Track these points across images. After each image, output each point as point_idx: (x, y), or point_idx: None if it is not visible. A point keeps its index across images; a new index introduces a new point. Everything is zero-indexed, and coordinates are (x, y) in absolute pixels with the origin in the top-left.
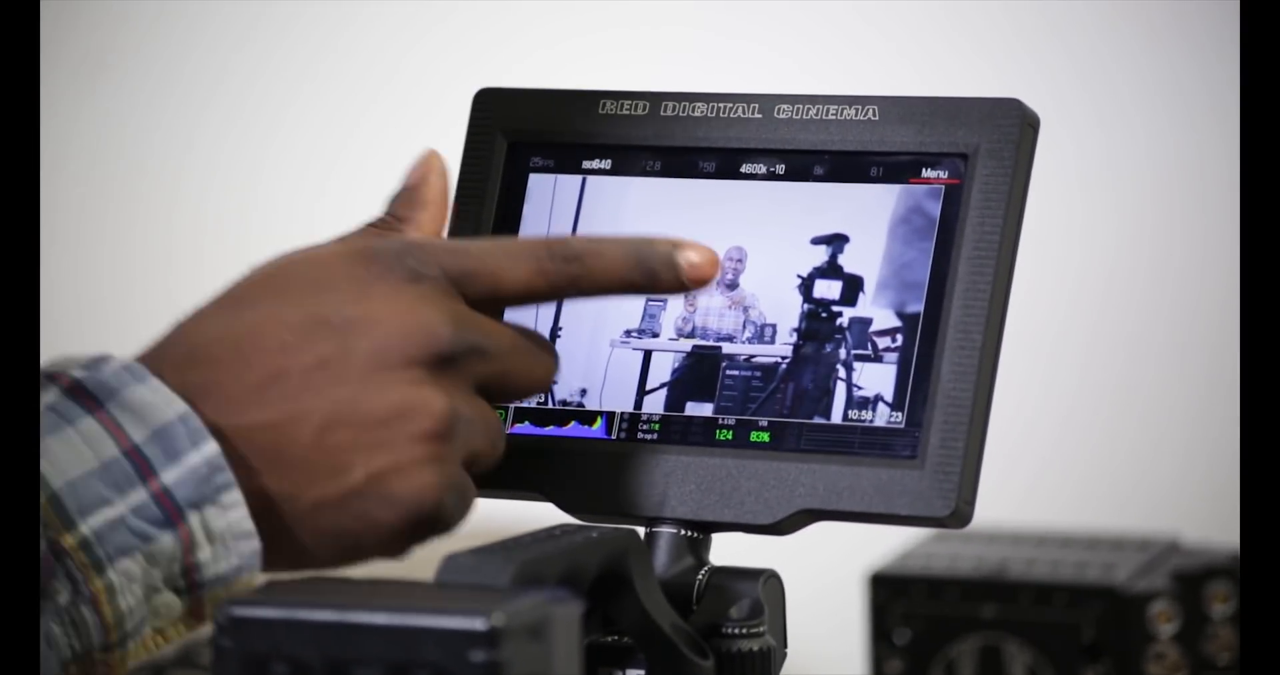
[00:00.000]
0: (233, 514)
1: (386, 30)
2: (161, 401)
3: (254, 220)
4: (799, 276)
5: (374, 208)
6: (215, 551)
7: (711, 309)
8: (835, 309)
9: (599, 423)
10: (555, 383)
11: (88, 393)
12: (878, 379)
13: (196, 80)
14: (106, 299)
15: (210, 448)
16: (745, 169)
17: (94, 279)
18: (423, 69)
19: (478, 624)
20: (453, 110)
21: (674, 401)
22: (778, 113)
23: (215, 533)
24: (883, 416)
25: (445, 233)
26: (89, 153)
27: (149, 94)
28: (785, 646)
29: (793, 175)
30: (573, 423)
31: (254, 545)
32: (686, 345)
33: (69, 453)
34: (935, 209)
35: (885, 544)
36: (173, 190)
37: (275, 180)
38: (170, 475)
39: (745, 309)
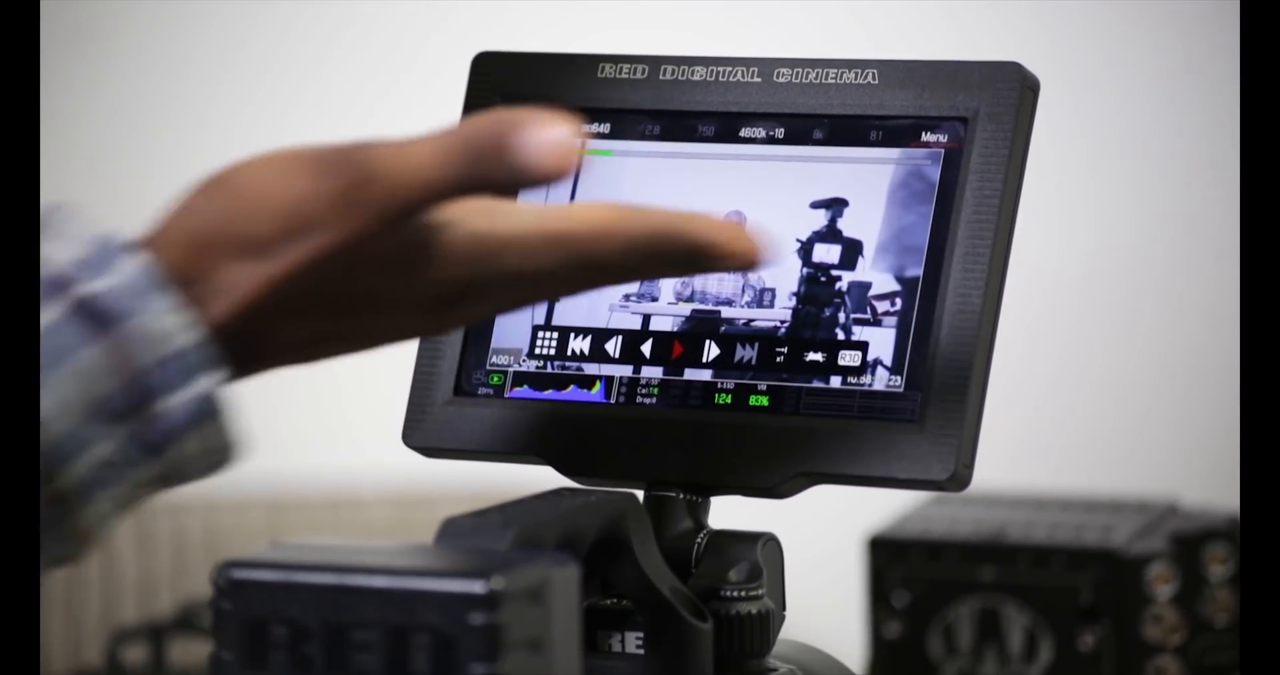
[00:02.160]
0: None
1: None
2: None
3: None
4: (798, 241)
5: None
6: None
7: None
8: (834, 273)
9: (598, 387)
10: None
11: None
12: (877, 343)
13: (203, 70)
14: None
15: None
16: (744, 133)
17: None
18: (423, 33)
19: (477, 587)
20: (452, 74)
21: (673, 365)
22: (777, 76)
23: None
24: (882, 380)
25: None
26: (89, 153)
27: (148, 58)
28: (784, 609)
29: (792, 139)
30: (571, 387)
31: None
32: (685, 309)
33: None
34: (934, 173)
35: (884, 507)
36: (178, 156)
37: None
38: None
39: (744, 273)
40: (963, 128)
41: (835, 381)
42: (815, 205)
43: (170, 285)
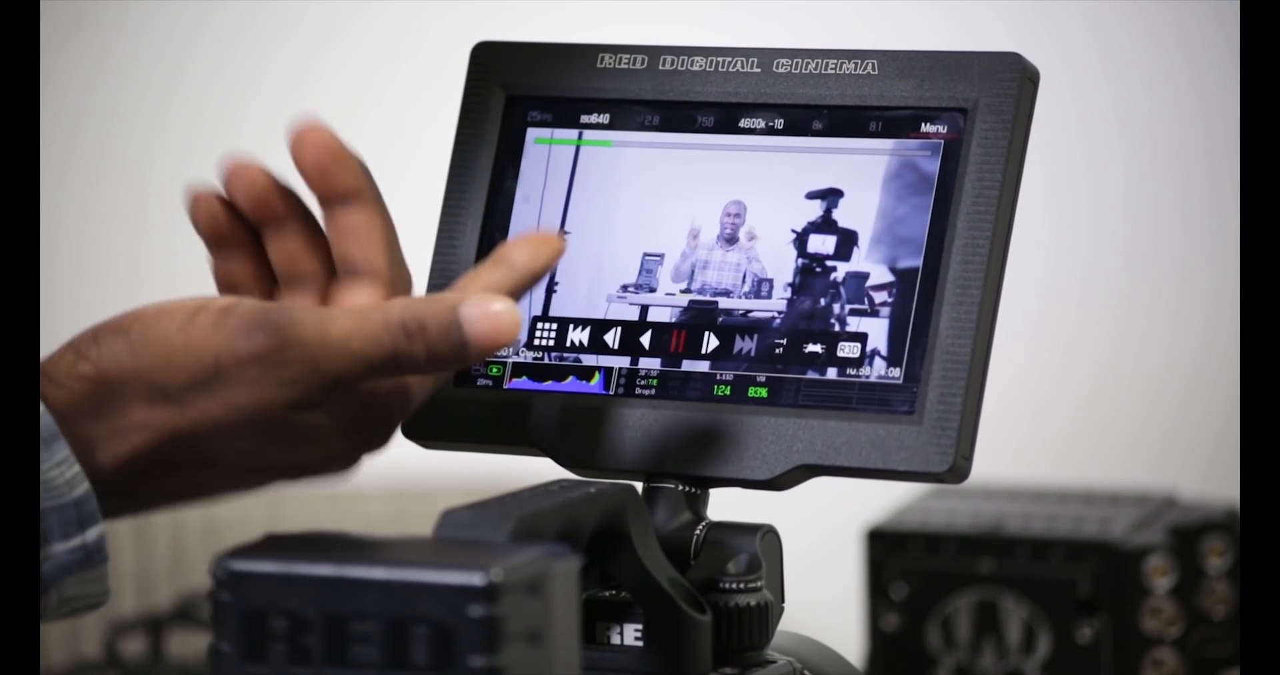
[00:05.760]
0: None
1: None
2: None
3: None
4: (793, 231)
5: (377, 164)
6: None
7: (710, 263)
8: (830, 264)
9: (597, 378)
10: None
11: None
12: (874, 334)
13: (203, 68)
14: (109, 304)
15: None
16: (744, 123)
17: (97, 284)
18: (424, 26)
19: (476, 579)
20: (451, 64)
21: (671, 356)
22: (776, 67)
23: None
24: (879, 371)
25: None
26: (89, 153)
27: (148, 54)
28: (782, 601)
29: (791, 130)
30: (570, 378)
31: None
32: (684, 300)
33: None
34: (932, 164)
35: (882, 499)
36: (174, 167)
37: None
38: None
39: (747, 262)
40: (962, 119)
41: (833, 373)
42: (810, 196)
43: (77, 422)
